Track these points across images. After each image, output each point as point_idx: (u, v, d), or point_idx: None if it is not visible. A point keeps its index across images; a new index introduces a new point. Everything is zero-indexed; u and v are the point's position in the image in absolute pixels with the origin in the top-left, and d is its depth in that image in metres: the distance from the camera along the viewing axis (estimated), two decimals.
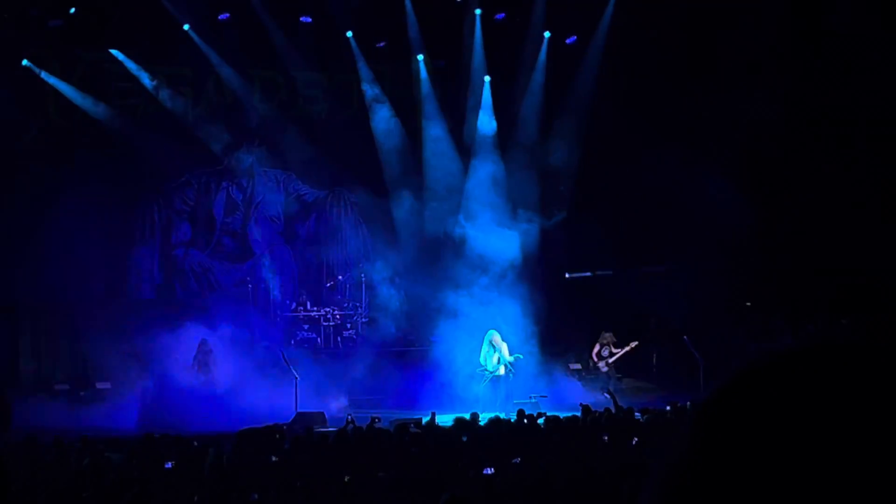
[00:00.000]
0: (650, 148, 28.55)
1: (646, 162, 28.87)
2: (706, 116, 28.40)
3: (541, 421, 17.67)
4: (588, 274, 30.49)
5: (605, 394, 21.27)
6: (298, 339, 28.69)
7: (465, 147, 30.56)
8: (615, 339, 28.14)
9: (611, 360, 27.89)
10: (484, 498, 11.86)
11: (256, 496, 11.89)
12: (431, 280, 29.01)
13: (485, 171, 29.99)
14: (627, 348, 27.93)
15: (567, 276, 30.62)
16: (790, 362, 1.36)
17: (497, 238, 28.78)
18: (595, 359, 28.02)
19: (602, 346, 28.08)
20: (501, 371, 25.06)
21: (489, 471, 12.38)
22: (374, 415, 19.90)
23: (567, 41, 30.68)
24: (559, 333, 29.08)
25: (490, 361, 24.87)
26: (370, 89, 30.32)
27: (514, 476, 12.38)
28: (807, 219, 28.32)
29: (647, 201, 29.62)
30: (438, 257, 29.30)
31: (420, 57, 30.17)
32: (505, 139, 30.56)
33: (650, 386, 28.39)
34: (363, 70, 30.12)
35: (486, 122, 30.39)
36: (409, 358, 27.96)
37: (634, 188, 29.57)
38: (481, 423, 17.74)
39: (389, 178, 30.15)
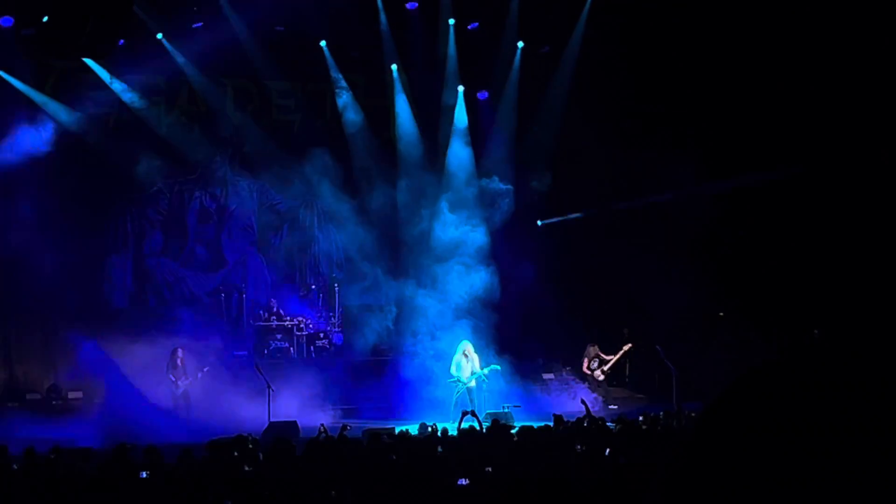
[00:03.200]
0: (622, 156, 28.66)
1: (619, 170, 28.98)
2: (681, 124, 28.52)
3: (514, 431, 17.69)
4: (559, 219, 30.60)
5: (581, 403, 21.27)
6: (271, 348, 28.65)
7: (440, 154, 30.60)
8: (599, 351, 28.23)
9: (606, 368, 27.94)
10: None
11: (230, 503, 11.86)
12: (405, 288, 29.05)
13: (460, 176, 30.10)
14: (620, 353, 28.02)
15: (539, 223, 30.79)
16: (777, 371, 1.58)
17: (467, 248, 28.87)
18: (588, 372, 28.12)
19: (590, 359, 28.17)
20: (473, 383, 24.99)
21: (464, 481, 12.37)
22: (346, 422, 19.87)
23: (541, 51, 30.75)
24: (532, 343, 29.18)
25: (463, 372, 24.83)
26: (343, 98, 30.31)
27: (488, 486, 12.37)
28: (781, 229, 28.44)
29: (620, 209, 29.72)
30: (413, 265, 29.32)
31: (394, 66, 30.20)
32: (480, 146, 30.63)
33: (639, 395, 28.59)
34: (337, 79, 30.11)
35: (460, 129, 30.46)
36: (381, 367, 28.01)
37: (608, 195, 29.68)
38: (451, 434, 17.77)
39: (363, 186, 30.12)
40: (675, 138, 28.33)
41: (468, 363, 24.92)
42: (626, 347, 28.07)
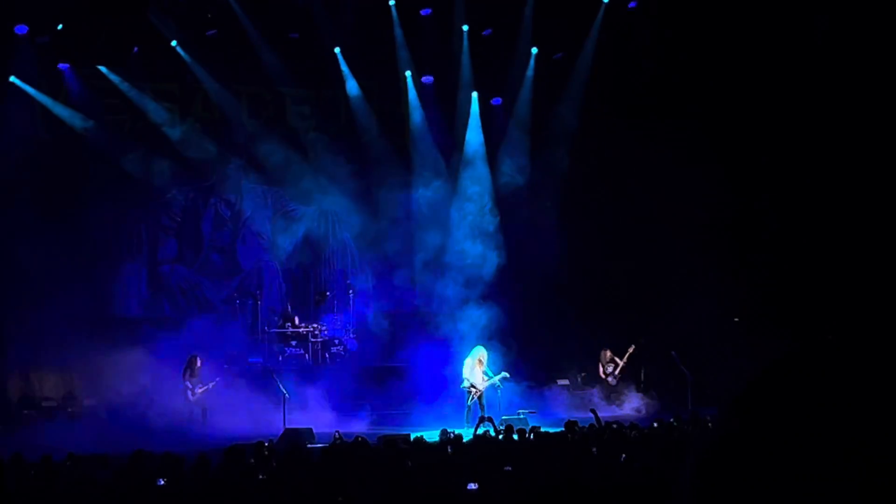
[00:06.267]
0: (637, 163, 28.63)
1: (634, 174, 28.94)
2: (695, 127, 28.48)
3: (529, 436, 17.70)
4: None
5: (590, 411, 21.27)
6: (286, 355, 28.66)
7: (455, 160, 30.66)
8: (613, 355, 28.37)
9: (617, 372, 28.17)
10: None
11: None
12: (420, 293, 29.11)
13: (474, 183, 30.18)
14: (626, 356, 28.21)
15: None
16: (797, 364, 1.64)
17: (483, 256, 28.94)
18: (604, 377, 28.36)
19: (605, 364, 28.36)
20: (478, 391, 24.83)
21: (473, 486, 12.37)
22: (360, 434, 19.84)
23: (554, 57, 30.76)
24: (546, 350, 29.15)
25: (477, 378, 24.73)
26: (358, 105, 30.34)
27: (502, 491, 12.38)
28: (799, 233, 28.38)
29: (635, 214, 29.68)
30: (428, 270, 29.39)
31: (408, 73, 30.22)
32: (493, 153, 30.66)
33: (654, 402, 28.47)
34: (351, 86, 30.14)
35: (474, 136, 30.52)
36: (397, 373, 27.93)
37: (622, 202, 29.64)
38: (466, 440, 17.78)
39: (377, 192, 30.14)
40: (691, 142, 28.30)
41: (482, 369, 24.85)
42: (630, 349, 28.23)
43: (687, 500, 1.59)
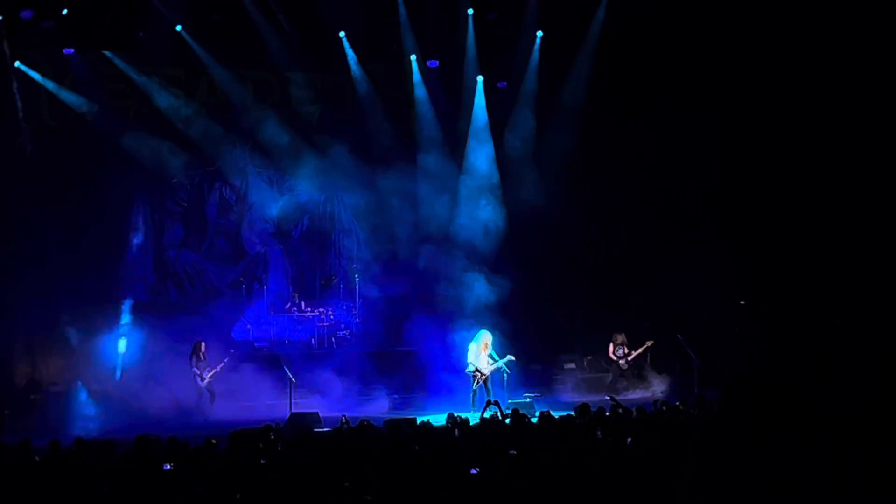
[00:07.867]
0: (644, 142, 28.62)
1: (640, 156, 28.92)
2: (699, 114, 28.46)
3: (534, 419, 17.71)
4: None
5: (607, 396, 21.25)
6: (293, 340, 28.68)
7: (460, 143, 30.62)
8: (626, 339, 28.36)
9: (629, 359, 28.15)
10: (476, 498, 11.87)
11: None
12: (426, 277, 29.13)
13: (480, 166, 30.18)
14: (642, 348, 28.17)
15: None
16: (779, 360, 1.61)
17: (488, 235, 28.97)
18: (613, 357, 28.26)
19: (616, 346, 28.34)
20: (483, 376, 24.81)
21: (475, 471, 12.37)
22: (367, 418, 19.86)
23: (559, 39, 30.71)
24: (552, 331, 29.17)
25: (482, 362, 24.67)
26: (363, 89, 30.31)
27: (507, 475, 12.37)
28: (804, 216, 28.35)
29: (642, 194, 29.68)
30: (432, 257, 29.38)
31: (413, 57, 30.18)
32: (498, 132, 30.64)
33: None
34: (356, 70, 30.10)
35: (479, 117, 30.49)
36: (402, 358, 27.96)
37: (629, 180, 29.62)
38: (472, 424, 17.78)
39: (383, 176, 30.12)
40: (695, 125, 28.30)
41: (486, 353, 24.77)
42: (648, 343, 28.19)
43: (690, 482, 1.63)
